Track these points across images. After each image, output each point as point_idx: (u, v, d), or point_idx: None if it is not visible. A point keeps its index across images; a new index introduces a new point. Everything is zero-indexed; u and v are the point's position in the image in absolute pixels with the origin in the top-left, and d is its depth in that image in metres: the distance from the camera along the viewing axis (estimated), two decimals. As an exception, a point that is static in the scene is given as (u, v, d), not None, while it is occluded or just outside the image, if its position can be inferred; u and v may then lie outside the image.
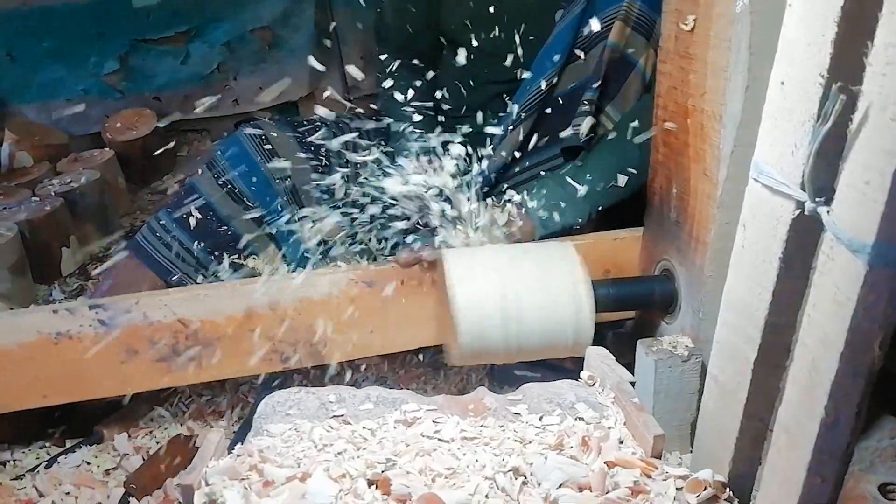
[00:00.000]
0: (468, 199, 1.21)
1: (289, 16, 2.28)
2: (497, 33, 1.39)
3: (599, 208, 1.26)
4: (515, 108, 1.31)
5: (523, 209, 1.24)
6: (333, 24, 2.26)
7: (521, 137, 1.28)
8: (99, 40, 2.31)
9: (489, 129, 1.32)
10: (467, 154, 1.32)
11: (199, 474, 0.75)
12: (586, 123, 1.24)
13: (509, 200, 1.25)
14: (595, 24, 1.22)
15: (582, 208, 1.24)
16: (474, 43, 1.42)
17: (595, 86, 1.24)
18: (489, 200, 1.27)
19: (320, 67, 2.11)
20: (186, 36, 2.31)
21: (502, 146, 1.32)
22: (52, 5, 2.25)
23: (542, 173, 1.34)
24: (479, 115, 1.45)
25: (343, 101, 2.30)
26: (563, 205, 1.23)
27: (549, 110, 1.30)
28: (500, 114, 1.42)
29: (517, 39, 1.37)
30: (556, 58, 1.26)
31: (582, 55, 1.26)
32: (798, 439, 0.59)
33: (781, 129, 0.63)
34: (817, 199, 0.58)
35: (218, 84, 2.36)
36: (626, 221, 1.26)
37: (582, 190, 1.22)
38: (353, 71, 2.01)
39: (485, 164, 1.31)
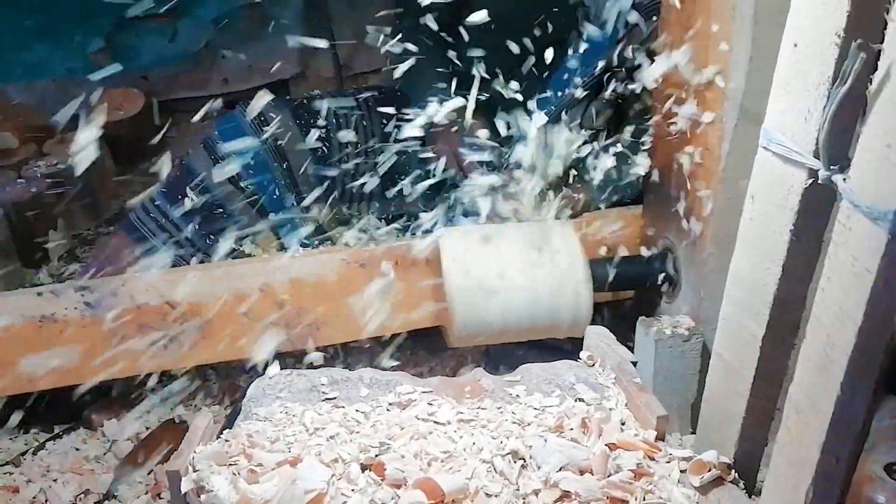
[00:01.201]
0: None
1: (279, -8, 2.23)
2: None
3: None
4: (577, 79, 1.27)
5: (581, 182, 1.20)
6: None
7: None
8: (84, 18, 2.25)
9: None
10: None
11: (186, 460, 0.72)
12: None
13: (568, 171, 1.20)
14: None
15: (635, 182, 1.20)
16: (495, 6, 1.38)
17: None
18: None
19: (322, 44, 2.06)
20: (174, 12, 2.25)
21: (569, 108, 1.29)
22: (34, -18, 2.18)
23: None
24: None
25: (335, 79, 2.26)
26: (619, 178, 1.19)
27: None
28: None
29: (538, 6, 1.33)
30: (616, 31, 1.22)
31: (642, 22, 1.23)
32: (811, 418, 0.56)
33: (794, 93, 0.60)
34: (832, 167, 0.55)
35: (207, 62, 2.30)
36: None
37: (637, 165, 1.18)
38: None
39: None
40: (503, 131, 1.27)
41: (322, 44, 1.27)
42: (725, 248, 0.96)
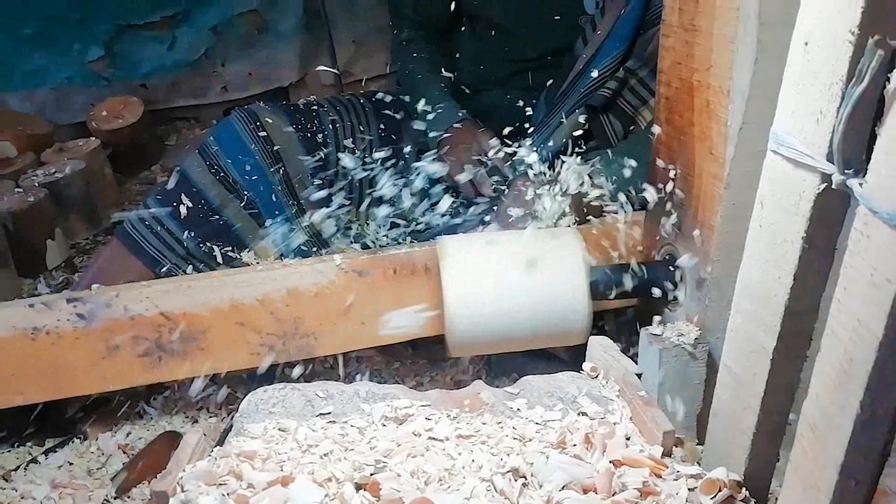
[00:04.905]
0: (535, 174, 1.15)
1: (277, -1, 2.22)
2: (519, 11, 1.34)
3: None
4: (574, 95, 1.24)
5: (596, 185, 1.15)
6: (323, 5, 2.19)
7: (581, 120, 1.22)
8: (82, 26, 2.24)
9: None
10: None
11: (175, 479, 0.70)
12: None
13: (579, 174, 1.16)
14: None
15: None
16: (494, 19, 1.37)
17: (639, 60, 1.18)
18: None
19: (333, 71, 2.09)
20: (172, 21, 2.25)
21: (559, 131, 1.26)
22: (34, -10, 2.18)
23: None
24: (495, 92, 1.40)
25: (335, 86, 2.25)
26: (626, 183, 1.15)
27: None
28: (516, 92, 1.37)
29: (539, 19, 1.32)
30: (620, 47, 1.20)
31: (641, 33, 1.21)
32: (827, 438, 0.53)
33: (805, 94, 0.57)
34: (847, 171, 0.52)
35: (206, 70, 2.29)
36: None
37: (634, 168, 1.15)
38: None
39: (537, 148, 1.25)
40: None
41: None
42: (731, 255, 0.94)
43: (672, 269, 1.07)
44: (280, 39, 2.26)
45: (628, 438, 0.76)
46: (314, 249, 1.28)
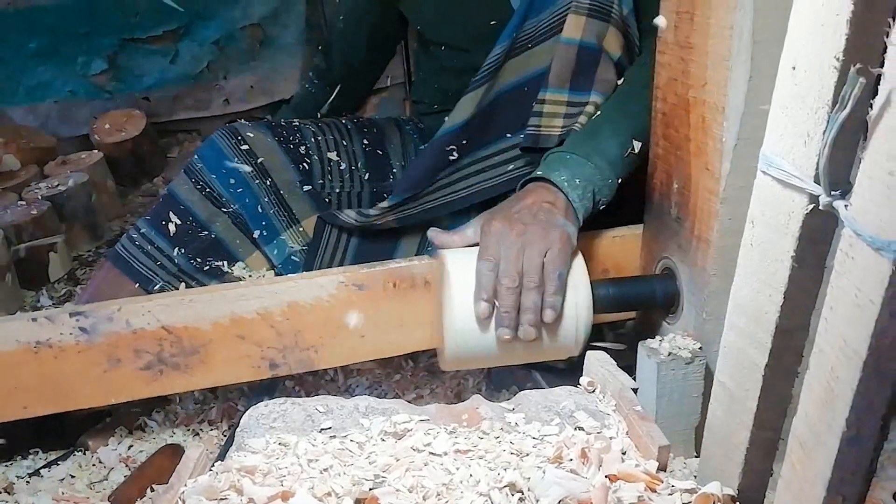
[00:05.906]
0: None
1: (279, 13, 2.24)
2: (449, 20, 1.36)
3: (619, 179, 1.11)
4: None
5: (558, 193, 1.08)
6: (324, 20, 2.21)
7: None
8: (86, 40, 2.27)
9: None
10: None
11: (176, 494, 0.70)
12: (545, 122, 1.17)
13: (536, 180, 1.10)
14: (541, 18, 1.16)
15: (611, 180, 1.10)
16: (439, 36, 1.39)
17: (552, 85, 1.17)
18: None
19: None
20: (175, 34, 2.27)
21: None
22: (38, 4, 2.20)
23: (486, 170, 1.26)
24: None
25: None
26: (593, 179, 1.08)
27: (490, 108, 1.22)
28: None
29: (469, 25, 1.33)
30: (497, 51, 1.19)
31: (529, 47, 1.20)
32: (815, 454, 0.54)
33: (792, 117, 0.58)
34: (833, 193, 0.53)
35: (208, 83, 2.32)
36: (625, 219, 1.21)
37: (603, 159, 1.10)
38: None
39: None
40: None
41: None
42: (727, 269, 0.95)
43: (669, 282, 1.08)
44: (282, 52, 2.28)
45: (624, 453, 0.76)
46: (306, 259, 1.29)
